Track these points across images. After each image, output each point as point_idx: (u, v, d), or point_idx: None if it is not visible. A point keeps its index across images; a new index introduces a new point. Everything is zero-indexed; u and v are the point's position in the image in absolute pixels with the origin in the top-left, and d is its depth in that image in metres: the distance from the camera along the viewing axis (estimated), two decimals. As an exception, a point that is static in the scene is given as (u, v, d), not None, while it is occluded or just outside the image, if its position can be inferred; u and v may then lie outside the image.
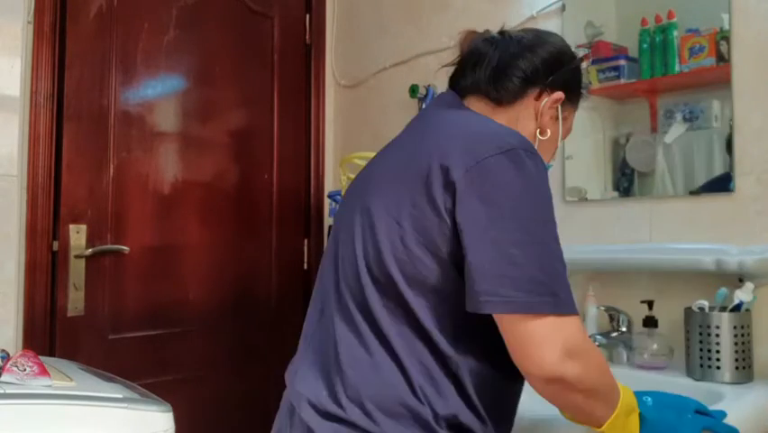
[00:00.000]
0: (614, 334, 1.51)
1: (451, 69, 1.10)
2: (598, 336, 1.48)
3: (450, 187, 0.85)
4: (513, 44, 1.02)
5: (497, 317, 0.85)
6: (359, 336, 0.93)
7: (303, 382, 0.98)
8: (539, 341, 0.82)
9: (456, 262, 0.87)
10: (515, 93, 1.00)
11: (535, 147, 0.92)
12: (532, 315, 0.82)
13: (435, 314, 0.89)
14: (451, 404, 0.89)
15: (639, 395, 0.95)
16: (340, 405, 0.91)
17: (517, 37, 1.03)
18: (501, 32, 1.06)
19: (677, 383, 1.34)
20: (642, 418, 0.93)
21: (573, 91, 1.04)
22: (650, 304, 1.46)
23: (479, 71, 1.02)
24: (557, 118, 1.02)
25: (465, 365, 0.89)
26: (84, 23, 1.87)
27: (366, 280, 0.93)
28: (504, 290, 0.82)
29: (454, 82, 1.07)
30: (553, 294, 0.82)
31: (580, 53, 1.04)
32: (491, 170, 0.84)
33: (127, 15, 1.96)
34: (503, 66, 1.01)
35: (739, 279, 1.36)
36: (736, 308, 1.32)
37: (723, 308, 1.34)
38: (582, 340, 0.85)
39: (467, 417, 0.89)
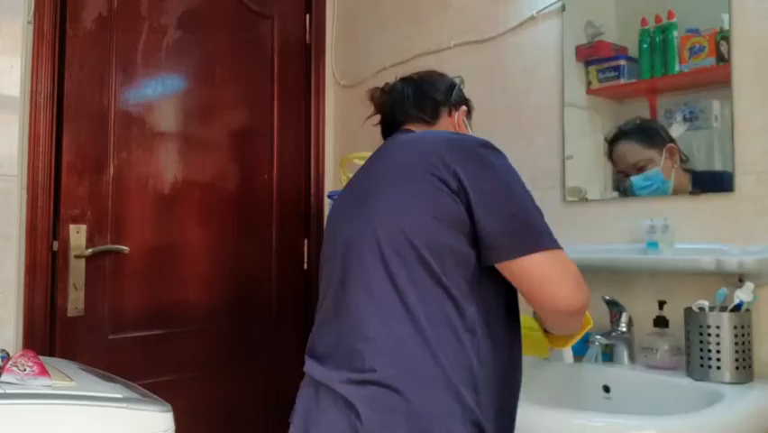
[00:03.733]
0: (614, 333, 1.51)
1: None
2: (598, 336, 1.48)
3: (452, 172, 1.04)
4: (419, 84, 1.32)
5: (511, 268, 1.02)
6: (383, 307, 1.04)
7: (331, 360, 1.08)
8: (556, 276, 1.02)
9: (468, 231, 1.03)
10: (435, 114, 1.29)
11: None
12: (542, 253, 1.01)
13: (454, 277, 1.02)
14: (468, 364, 1.00)
15: None
16: (373, 370, 1.00)
17: (418, 78, 1.34)
18: (403, 79, 1.36)
19: (679, 384, 1.34)
20: None
21: (468, 104, 1.35)
22: (661, 304, 1.46)
23: (403, 106, 1.29)
24: (466, 126, 1.32)
25: (479, 322, 1.03)
26: (84, 23, 1.87)
27: (392, 260, 1.04)
28: (516, 239, 1.01)
29: (388, 124, 1.32)
30: (547, 234, 1.03)
31: (458, 79, 1.35)
32: (482, 155, 1.07)
33: (127, 15, 1.96)
34: (421, 98, 1.29)
35: (739, 279, 1.36)
36: (737, 307, 1.32)
37: (723, 308, 1.34)
38: (576, 269, 1.04)
39: (478, 371, 1.01)
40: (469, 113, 1.34)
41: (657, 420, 1.11)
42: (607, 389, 1.44)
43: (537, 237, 1.02)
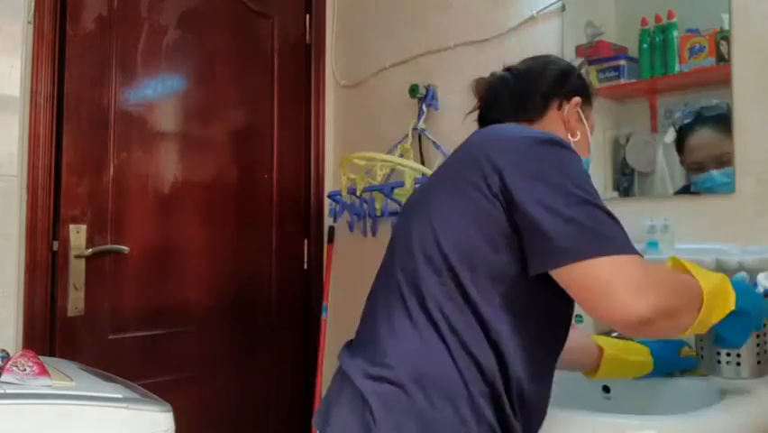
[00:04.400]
0: (614, 333, 1.50)
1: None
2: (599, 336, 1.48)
3: (498, 172, 0.97)
4: (523, 74, 1.20)
5: (562, 276, 0.92)
6: (409, 313, 1.02)
7: (357, 354, 1.08)
8: (605, 283, 0.89)
9: (509, 240, 0.97)
10: (540, 110, 1.17)
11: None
12: (590, 260, 0.89)
13: (484, 290, 0.98)
14: (491, 376, 0.97)
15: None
16: (391, 367, 0.99)
17: (524, 67, 1.22)
18: (508, 68, 1.23)
19: (679, 384, 1.34)
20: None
21: (585, 93, 1.21)
22: None
23: (502, 104, 1.18)
24: (581, 119, 1.20)
25: (509, 335, 0.98)
26: (84, 23, 1.87)
27: (421, 263, 1.02)
28: (565, 244, 0.91)
29: (482, 119, 1.21)
30: (607, 238, 0.92)
31: (578, 62, 1.25)
32: (539, 152, 0.98)
33: (127, 15, 1.96)
34: (523, 92, 1.18)
35: (739, 279, 1.36)
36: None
37: None
38: (645, 274, 0.91)
39: (501, 387, 0.97)
40: (586, 102, 1.21)
41: (657, 420, 1.11)
42: (607, 389, 1.44)
43: (592, 242, 0.91)
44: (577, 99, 1.18)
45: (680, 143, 1.55)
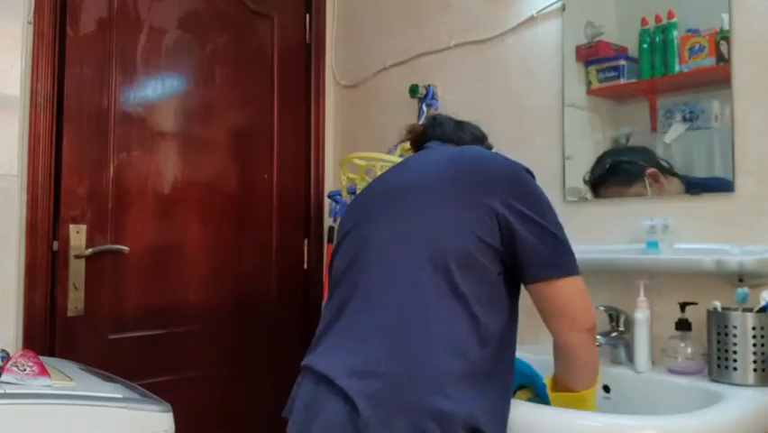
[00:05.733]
0: (614, 334, 1.51)
1: None
2: (598, 336, 1.48)
3: (497, 193, 1.12)
4: (454, 121, 1.40)
5: (541, 288, 1.13)
6: (400, 306, 1.08)
7: (332, 354, 1.11)
8: (579, 301, 1.14)
9: (502, 251, 1.11)
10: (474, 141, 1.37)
11: None
12: (572, 277, 1.13)
13: (473, 288, 1.08)
14: (476, 372, 1.04)
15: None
16: (379, 363, 1.04)
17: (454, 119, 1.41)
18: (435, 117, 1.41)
19: (679, 384, 1.34)
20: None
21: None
22: (683, 306, 1.42)
23: (443, 129, 1.36)
24: None
25: (495, 333, 1.08)
26: (84, 23, 1.87)
27: (414, 261, 1.10)
28: (556, 260, 1.12)
29: (425, 139, 1.37)
30: (574, 261, 1.15)
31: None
32: (523, 180, 1.17)
33: (127, 15, 1.96)
34: (458, 128, 1.38)
35: (739, 279, 1.36)
36: (762, 309, 1.28)
37: (746, 309, 1.30)
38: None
39: (486, 380, 1.05)
40: None
41: (657, 420, 1.11)
42: (607, 389, 1.44)
43: (572, 262, 1.14)
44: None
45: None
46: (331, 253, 2.29)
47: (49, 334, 1.78)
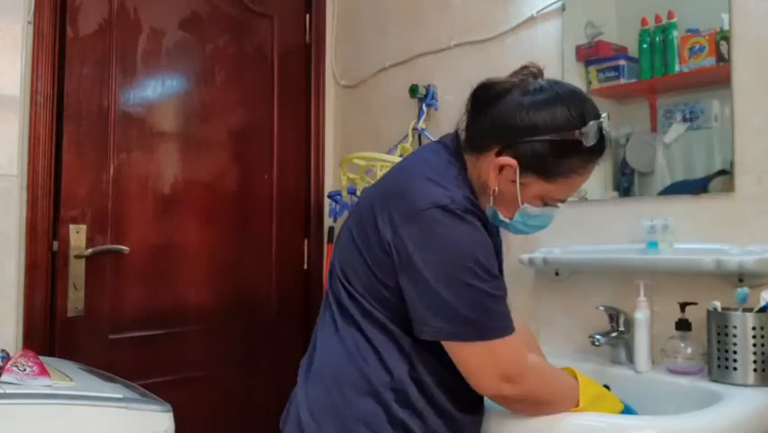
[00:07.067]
0: (614, 334, 1.50)
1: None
2: (598, 336, 1.48)
3: (388, 233, 1.00)
4: (509, 100, 1.03)
5: (442, 343, 1.00)
6: (331, 333, 1.09)
7: (300, 379, 1.14)
8: (474, 366, 0.99)
9: (400, 290, 1.02)
10: (481, 147, 1.05)
11: (491, 200, 1.06)
12: (462, 342, 0.98)
13: (389, 313, 1.04)
14: (397, 377, 1.03)
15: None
16: (319, 372, 1.08)
17: (528, 91, 1.03)
18: (523, 79, 1.05)
19: (679, 384, 1.34)
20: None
21: (536, 164, 1.02)
22: (683, 306, 1.42)
23: (469, 123, 1.09)
24: (513, 181, 1.03)
25: (410, 345, 1.03)
26: (84, 23, 1.87)
27: (341, 289, 1.09)
28: (435, 322, 0.97)
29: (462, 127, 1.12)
30: (478, 325, 0.96)
31: (597, 122, 1.01)
32: (425, 219, 0.97)
33: (127, 15, 1.96)
34: (486, 121, 1.05)
35: (739, 279, 1.36)
36: (762, 309, 1.28)
37: (746, 309, 1.30)
38: (515, 364, 0.99)
39: (413, 391, 1.02)
40: (533, 171, 1.02)
41: (657, 420, 1.11)
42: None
43: (465, 326, 0.96)
44: (509, 160, 1.01)
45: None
46: (331, 252, 2.30)
47: (49, 334, 1.78)
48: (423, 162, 1.08)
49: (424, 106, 2.04)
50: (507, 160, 1.02)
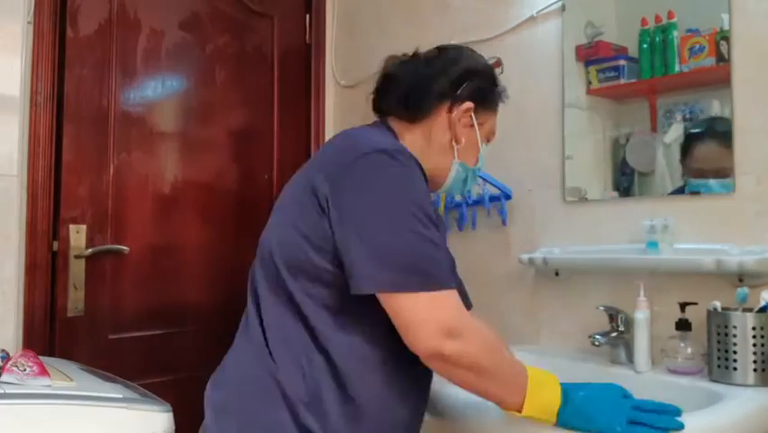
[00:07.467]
0: (614, 334, 1.50)
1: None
2: (598, 336, 1.48)
3: (326, 188, 0.96)
4: (421, 66, 1.15)
5: (380, 300, 0.93)
6: (246, 322, 1.11)
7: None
8: (416, 319, 0.91)
9: (336, 253, 0.96)
10: (425, 111, 1.12)
11: (454, 155, 1.10)
12: (405, 293, 0.91)
13: (311, 297, 0.99)
14: (315, 384, 0.98)
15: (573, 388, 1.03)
16: (224, 375, 1.12)
17: (427, 58, 1.17)
18: (413, 54, 1.20)
19: (678, 384, 1.34)
20: (568, 398, 1.01)
21: (486, 98, 1.15)
22: (683, 306, 1.41)
23: (392, 94, 1.15)
24: (472, 125, 1.13)
25: (338, 346, 0.98)
26: (84, 23, 1.87)
27: (259, 271, 1.08)
28: (378, 272, 0.91)
29: (375, 106, 1.19)
30: (423, 273, 0.92)
31: (492, 60, 1.17)
32: (364, 165, 0.95)
33: (127, 15, 1.96)
34: (413, 87, 1.13)
35: (739, 279, 1.36)
36: (762, 309, 1.28)
37: (746, 309, 1.29)
38: (457, 317, 0.93)
39: (330, 396, 0.97)
40: (485, 108, 1.14)
41: (657, 420, 1.10)
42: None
43: (411, 274, 0.91)
44: (468, 105, 1.11)
45: (685, 148, 1.53)
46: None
47: (49, 334, 1.78)
48: (357, 130, 1.11)
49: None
50: (464, 105, 1.11)
